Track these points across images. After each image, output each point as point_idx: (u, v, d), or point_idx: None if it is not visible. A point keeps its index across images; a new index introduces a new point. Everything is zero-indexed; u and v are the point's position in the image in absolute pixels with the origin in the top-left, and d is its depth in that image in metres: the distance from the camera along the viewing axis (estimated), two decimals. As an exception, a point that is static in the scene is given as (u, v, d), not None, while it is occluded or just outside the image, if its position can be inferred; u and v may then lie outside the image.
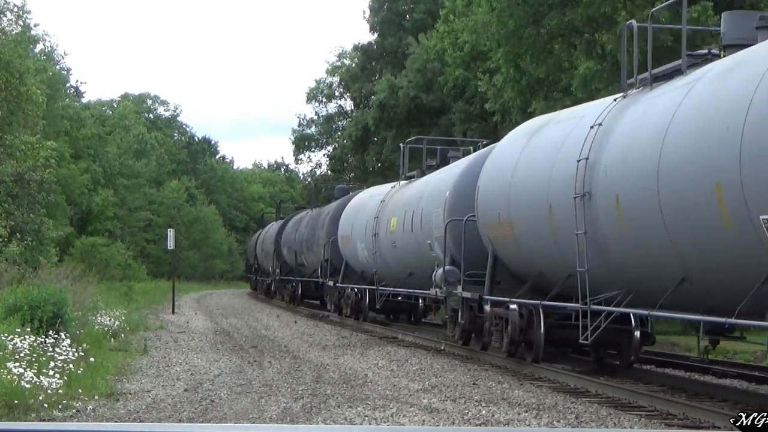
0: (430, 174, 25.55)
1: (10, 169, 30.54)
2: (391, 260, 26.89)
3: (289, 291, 43.95)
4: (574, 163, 15.03)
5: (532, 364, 17.32)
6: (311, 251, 38.44)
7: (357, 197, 33.17)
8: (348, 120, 68.56)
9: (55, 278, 24.18)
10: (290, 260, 43.64)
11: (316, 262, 37.21)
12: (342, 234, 32.37)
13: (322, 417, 12.24)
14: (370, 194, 31.66)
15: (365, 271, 29.99)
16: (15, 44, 32.56)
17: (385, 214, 27.39)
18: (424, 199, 23.92)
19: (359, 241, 29.76)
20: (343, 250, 32.30)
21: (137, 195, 68.76)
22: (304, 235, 40.15)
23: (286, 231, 45.92)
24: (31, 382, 12.48)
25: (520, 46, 27.16)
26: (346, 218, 32.32)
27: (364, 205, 30.88)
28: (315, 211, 40.73)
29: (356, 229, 30.46)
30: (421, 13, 54.19)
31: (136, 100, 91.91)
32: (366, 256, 29.20)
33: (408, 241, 24.88)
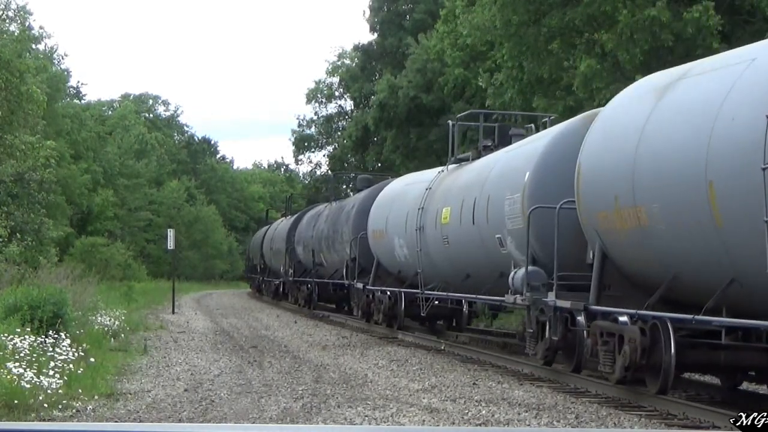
0: (494, 154, 21.30)
1: (10, 169, 30.55)
2: (440, 259, 22.61)
3: (304, 293, 39.92)
4: (755, 120, 10.98)
5: (658, 395, 13.60)
6: (332, 249, 34.51)
7: (392, 186, 28.75)
8: (348, 120, 68.58)
9: (55, 278, 24.18)
10: (306, 260, 39.69)
11: (338, 262, 33.42)
12: (373, 229, 28.08)
13: (322, 417, 12.23)
14: (409, 181, 27.12)
15: (403, 272, 25.89)
16: (16, 43, 32.58)
17: (434, 203, 22.93)
18: (489, 184, 19.49)
19: (396, 236, 25.56)
20: (374, 247, 28.06)
21: (137, 195, 68.76)
22: (324, 232, 35.94)
23: (300, 227, 41.59)
24: (31, 382, 12.47)
25: (521, 44, 27.16)
26: (379, 210, 27.85)
27: (402, 195, 26.28)
28: (336, 204, 36.65)
29: (392, 222, 26.12)
30: (421, 13, 54.16)
31: (136, 100, 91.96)
32: (405, 254, 25.03)
33: (467, 236, 20.55)
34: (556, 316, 15.86)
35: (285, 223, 47.14)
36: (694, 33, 22.82)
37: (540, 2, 26.23)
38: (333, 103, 74.61)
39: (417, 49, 48.18)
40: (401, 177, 30.30)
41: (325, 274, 36.16)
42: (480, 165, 21.50)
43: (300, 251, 40.83)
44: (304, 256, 39.90)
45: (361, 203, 31.08)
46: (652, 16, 22.79)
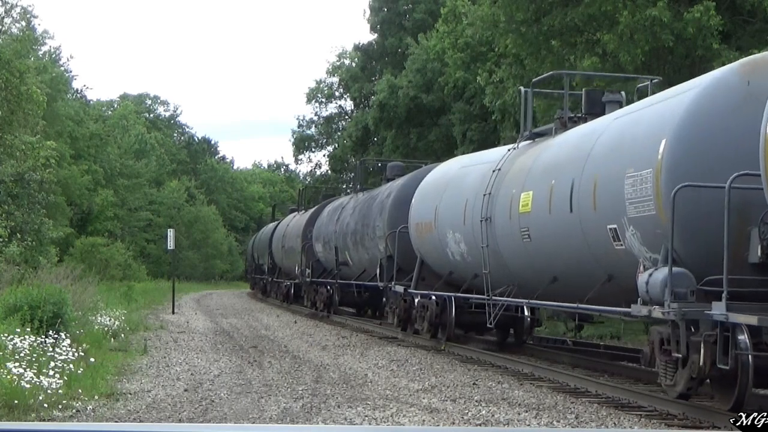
0: (592, 123, 16.80)
1: (10, 169, 30.53)
2: (515, 257, 18.19)
3: (323, 296, 35.51)
4: None
5: None
6: (361, 246, 30.20)
7: (441, 170, 24.10)
8: (348, 120, 68.59)
9: (55, 278, 24.17)
10: (327, 258, 35.36)
11: (368, 261, 29.43)
12: (417, 222, 23.61)
13: (322, 417, 12.23)
14: (466, 163, 22.66)
15: (457, 273, 21.72)
16: (17, 43, 32.58)
17: (505, 188, 18.40)
18: (595, 160, 15.05)
19: (450, 230, 21.12)
20: (418, 243, 23.58)
21: (137, 195, 68.78)
22: (350, 226, 31.59)
23: (320, 222, 37.01)
24: (31, 382, 12.47)
25: (522, 40, 27.16)
26: (425, 199, 23.41)
27: (458, 179, 21.66)
28: (363, 195, 32.51)
29: (445, 213, 21.65)
30: (421, 13, 54.19)
31: (135, 101, 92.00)
32: (463, 252, 20.70)
33: (559, 228, 15.98)
34: (715, 336, 12.00)
35: (300, 217, 42.54)
36: (695, 33, 22.82)
37: (541, 0, 26.24)
38: (333, 103, 74.64)
39: (417, 49, 48.20)
40: (452, 159, 25.90)
41: (351, 275, 32.31)
42: (573, 138, 16.85)
43: (319, 249, 36.62)
44: (325, 254, 35.69)
45: (399, 192, 26.69)
46: (653, 17, 22.78)
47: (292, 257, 41.77)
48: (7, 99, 30.17)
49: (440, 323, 22.40)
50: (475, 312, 21.29)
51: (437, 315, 22.36)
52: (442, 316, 22.26)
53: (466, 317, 21.96)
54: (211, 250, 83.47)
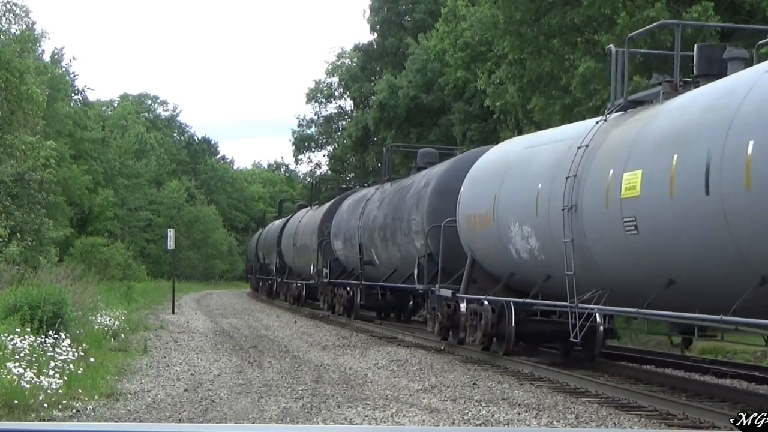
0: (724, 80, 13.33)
1: (10, 169, 30.54)
2: (611, 253, 14.63)
3: (343, 299, 32.21)
4: None
5: None
6: (392, 243, 26.72)
7: (493, 153, 20.56)
8: (348, 120, 68.62)
9: (55, 278, 24.18)
10: (349, 257, 32.07)
11: (400, 259, 26.12)
12: (469, 214, 20.10)
13: (322, 417, 12.24)
14: (534, 142, 18.71)
15: (521, 274, 18.15)
16: (16, 43, 32.57)
17: (598, 168, 14.88)
18: (744, 123, 11.66)
19: (516, 222, 17.58)
20: (469, 239, 20.20)
21: (137, 195, 68.79)
22: (377, 221, 28.09)
23: (339, 217, 33.66)
24: (31, 382, 12.48)
25: (522, 41, 27.18)
26: (477, 187, 19.98)
27: (524, 161, 18.08)
28: (393, 185, 28.89)
29: (507, 203, 18.13)
30: (421, 13, 54.20)
31: (135, 101, 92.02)
32: (533, 248, 17.09)
33: (688, 216, 12.56)
34: None
35: (314, 213, 39.00)
36: (694, 33, 22.83)
37: (541, 1, 26.26)
38: (333, 103, 74.68)
39: (417, 49, 48.22)
40: (507, 141, 21.79)
41: (377, 276, 28.78)
42: (699, 101, 13.31)
43: (338, 246, 33.15)
44: (345, 252, 32.26)
45: (440, 180, 23.20)
46: (651, 17, 22.80)
47: (305, 256, 38.52)
48: (7, 99, 30.17)
49: (497, 334, 18.80)
50: (541, 321, 18.48)
51: (494, 324, 18.74)
52: (500, 326, 18.63)
53: (529, 327, 18.60)
54: (211, 250, 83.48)
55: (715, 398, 14.39)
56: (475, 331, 19.50)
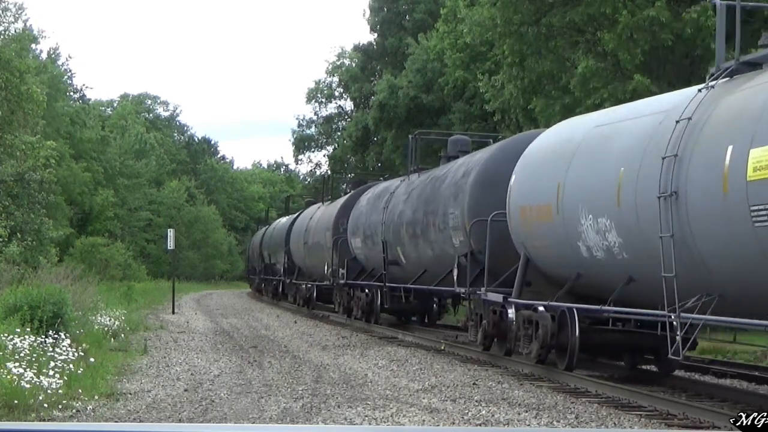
0: None
1: (10, 169, 30.54)
2: (727, 250, 12.09)
3: (361, 301, 29.70)
4: None
5: None
6: (423, 241, 24.01)
7: (553, 134, 17.81)
8: (348, 120, 68.63)
9: (55, 278, 24.18)
10: (368, 256, 29.46)
11: (433, 259, 23.53)
12: (523, 206, 17.43)
13: (322, 417, 12.24)
14: (605, 119, 16.01)
15: (592, 276, 15.59)
16: (16, 43, 32.58)
17: (709, 145, 12.39)
18: None
19: (589, 214, 14.88)
20: (523, 236, 17.55)
21: (137, 195, 68.81)
22: (405, 216, 25.33)
23: (357, 212, 30.88)
24: (31, 382, 12.48)
25: (522, 42, 27.19)
26: (534, 175, 17.30)
27: (595, 143, 15.52)
28: (422, 176, 25.96)
29: (576, 191, 15.48)
30: (421, 13, 54.20)
31: (135, 101, 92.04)
32: (613, 245, 14.36)
33: None
34: None
35: (328, 208, 36.14)
36: (694, 33, 22.85)
37: (541, 2, 26.27)
38: (333, 104, 74.70)
39: (417, 49, 48.23)
40: (570, 120, 18.84)
41: (404, 276, 26.13)
42: None
43: (357, 244, 30.44)
44: (365, 250, 29.61)
45: (484, 168, 20.48)
46: (652, 17, 22.82)
47: (318, 255, 35.51)
48: (7, 99, 30.17)
49: (557, 345, 16.26)
50: (608, 331, 16.07)
51: (553, 334, 16.18)
52: (560, 336, 16.08)
53: (595, 337, 16.10)
54: (211, 250, 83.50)
55: (715, 398, 14.39)
56: (530, 342, 16.95)
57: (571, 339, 15.78)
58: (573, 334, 15.73)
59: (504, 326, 18.19)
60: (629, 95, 19.68)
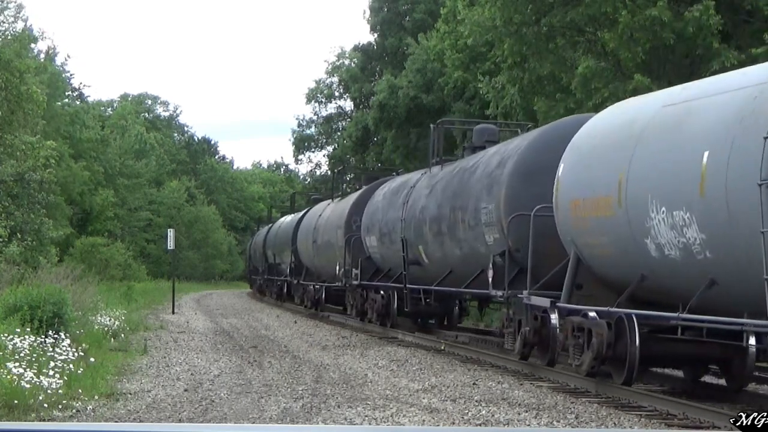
0: None
1: (10, 169, 30.54)
2: None
3: (376, 304, 27.65)
4: None
5: None
6: (450, 238, 21.81)
7: (609, 116, 15.67)
8: (348, 120, 68.64)
9: (55, 278, 24.18)
10: (385, 255, 27.43)
11: (461, 258, 21.31)
12: (574, 199, 15.45)
13: (322, 417, 12.23)
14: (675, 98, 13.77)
15: (661, 279, 13.60)
16: (15, 43, 32.57)
17: None
18: None
19: (662, 207, 12.88)
20: (574, 232, 15.51)
21: (137, 195, 68.80)
22: (428, 211, 23.23)
23: (372, 208, 28.87)
24: (31, 382, 12.48)
25: (522, 42, 27.18)
26: (585, 161, 15.41)
27: (665, 124, 13.48)
28: (446, 168, 23.66)
29: (642, 179, 13.51)
30: (421, 13, 54.20)
31: (135, 101, 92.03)
32: (692, 242, 12.49)
33: None
34: None
35: (338, 205, 34.26)
36: (695, 32, 22.85)
37: (541, 2, 26.26)
38: (333, 103, 74.72)
39: (417, 49, 48.22)
40: (628, 100, 16.53)
41: (427, 277, 24.04)
42: None
43: (372, 243, 28.44)
44: (382, 249, 27.61)
45: (523, 157, 18.36)
46: (653, 16, 22.82)
47: (328, 255, 33.78)
48: (7, 99, 30.17)
49: (613, 357, 14.42)
50: (671, 340, 14.40)
51: (609, 344, 14.38)
52: (617, 347, 14.31)
53: (656, 348, 14.43)
54: (211, 250, 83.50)
55: (715, 398, 14.38)
56: (581, 352, 15.06)
57: (630, 349, 13.95)
58: (632, 343, 13.94)
59: (546, 333, 16.63)
60: (629, 95, 19.65)
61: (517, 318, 17.76)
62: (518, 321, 17.65)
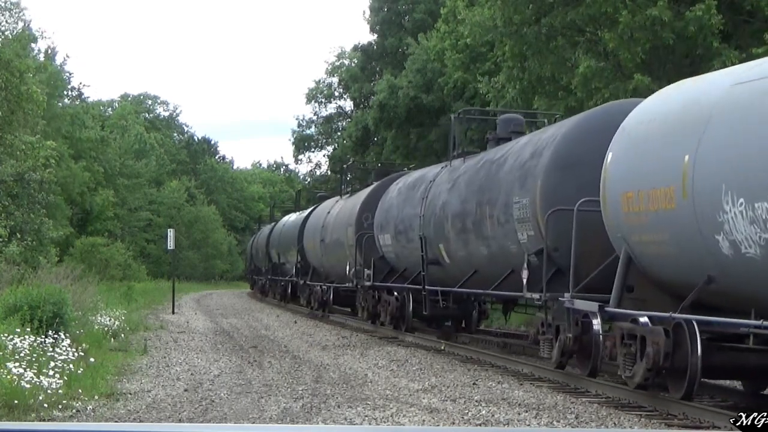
0: None
1: (10, 169, 30.53)
2: None
3: (390, 306, 26.06)
4: None
5: None
6: (475, 236, 19.95)
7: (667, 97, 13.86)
8: (347, 120, 68.66)
9: (55, 278, 24.17)
10: (400, 255, 25.72)
11: (487, 258, 19.53)
12: (625, 191, 13.79)
13: (322, 417, 12.23)
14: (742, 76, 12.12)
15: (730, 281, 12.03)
16: (15, 43, 32.57)
17: None
18: None
19: (736, 196, 11.40)
20: (625, 228, 13.92)
21: (137, 195, 68.81)
22: (451, 207, 21.45)
23: (386, 204, 26.90)
24: (31, 382, 12.47)
25: (522, 42, 27.19)
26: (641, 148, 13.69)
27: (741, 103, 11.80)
28: (469, 161, 22.00)
29: (713, 166, 11.93)
30: (421, 13, 54.22)
31: (135, 101, 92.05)
32: None
33: None
34: None
35: (346, 202, 33.04)
36: (695, 32, 22.86)
37: (541, 1, 26.27)
38: (333, 104, 74.75)
39: (417, 49, 48.23)
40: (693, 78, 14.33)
41: (447, 278, 22.42)
42: None
43: (385, 242, 26.80)
44: (397, 249, 25.86)
45: (562, 146, 16.59)
46: (653, 16, 22.83)
47: (337, 254, 32.29)
48: (7, 99, 30.16)
49: (671, 367, 12.96)
50: (738, 350, 12.95)
51: (667, 354, 12.93)
52: (676, 357, 12.88)
53: (718, 358, 12.89)
54: (211, 250, 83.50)
55: (715, 398, 14.37)
56: (632, 363, 13.54)
57: (691, 359, 12.52)
58: (694, 353, 12.48)
59: (587, 341, 15.32)
60: (630, 95, 19.66)
61: (555, 323, 16.15)
62: (556, 327, 16.14)
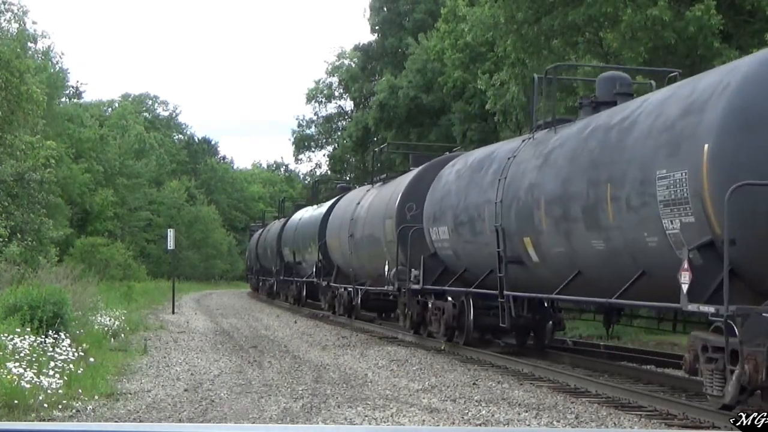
0: None
1: (10, 169, 30.54)
2: None
3: (445, 315, 21.53)
4: None
5: None
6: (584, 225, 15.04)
7: None
8: (347, 120, 68.67)
9: (55, 278, 24.17)
10: (460, 251, 21.04)
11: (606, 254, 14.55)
12: None
13: (322, 417, 12.23)
14: None
15: None
16: (15, 43, 32.57)
17: None
18: None
19: None
20: None
21: (137, 195, 68.80)
22: (543, 189, 16.53)
23: (437, 192, 22.42)
24: (31, 382, 12.47)
25: (523, 41, 27.20)
26: None
27: None
28: (570, 128, 16.80)
29: None
30: (421, 13, 54.22)
31: (135, 101, 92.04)
32: None
33: None
34: None
35: (380, 192, 28.33)
36: (696, 32, 22.87)
37: (542, 1, 26.27)
38: (333, 103, 74.76)
39: (417, 49, 48.24)
40: None
41: (532, 281, 17.87)
42: None
43: (441, 236, 22.04)
44: (458, 244, 21.08)
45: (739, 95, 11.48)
46: (654, 16, 22.84)
47: (370, 252, 27.88)
48: (7, 99, 30.17)
49: None
50: None
51: None
52: None
53: None
54: (211, 250, 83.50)
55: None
56: None
57: None
58: None
59: None
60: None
61: (742, 349, 10.84)
62: (733, 352, 11.13)
